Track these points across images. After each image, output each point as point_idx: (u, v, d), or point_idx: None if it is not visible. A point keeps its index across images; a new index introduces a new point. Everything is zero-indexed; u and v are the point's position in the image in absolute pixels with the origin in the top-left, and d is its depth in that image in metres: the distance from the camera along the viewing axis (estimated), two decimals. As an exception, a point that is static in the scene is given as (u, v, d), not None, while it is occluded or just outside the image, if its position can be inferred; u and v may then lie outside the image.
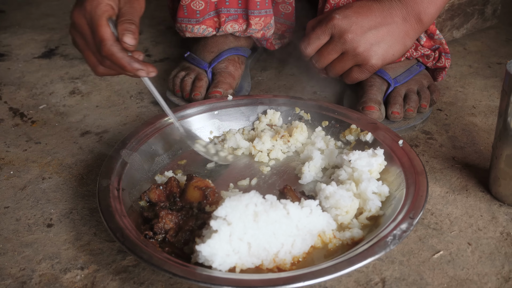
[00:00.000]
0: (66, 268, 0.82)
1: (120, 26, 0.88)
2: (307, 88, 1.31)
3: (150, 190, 0.88)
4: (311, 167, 0.96)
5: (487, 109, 1.21)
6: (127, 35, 0.88)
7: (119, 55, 0.88)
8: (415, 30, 1.07)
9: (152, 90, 0.94)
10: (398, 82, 1.16)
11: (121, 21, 0.89)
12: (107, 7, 0.88)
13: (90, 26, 0.89)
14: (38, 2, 1.89)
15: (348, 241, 0.82)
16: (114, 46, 0.87)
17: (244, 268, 0.76)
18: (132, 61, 0.88)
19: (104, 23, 0.87)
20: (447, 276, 0.79)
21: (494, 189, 0.94)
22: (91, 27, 0.89)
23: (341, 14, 1.05)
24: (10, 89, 1.33)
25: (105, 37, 0.87)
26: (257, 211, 0.77)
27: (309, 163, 0.96)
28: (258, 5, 1.16)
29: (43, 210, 0.94)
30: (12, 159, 1.07)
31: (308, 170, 0.96)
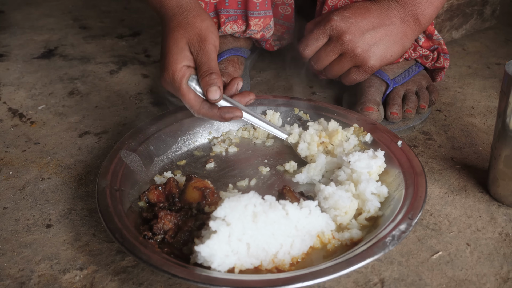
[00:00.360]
0: (65, 268, 0.82)
1: (201, 81, 0.92)
2: (306, 89, 1.31)
3: (149, 190, 0.88)
4: (311, 169, 0.96)
5: (486, 109, 1.21)
6: (211, 91, 0.91)
7: (209, 114, 0.93)
8: (413, 31, 1.07)
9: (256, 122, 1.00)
10: (397, 82, 1.16)
11: (200, 75, 0.92)
12: (182, 70, 0.92)
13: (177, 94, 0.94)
14: (37, 3, 1.89)
15: (347, 241, 0.82)
16: (202, 109, 0.93)
17: (243, 268, 0.76)
18: (223, 114, 0.92)
19: (184, 91, 0.92)
20: (446, 277, 0.80)
21: (493, 190, 0.94)
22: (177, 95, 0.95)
23: (339, 15, 1.05)
24: (9, 90, 1.33)
25: (190, 104, 0.93)
26: (256, 212, 0.77)
27: (310, 165, 0.96)
28: (257, 6, 1.16)
29: (42, 210, 0.94)
30: (11, 160, 1.07)
31: (307, 172, 0.95)
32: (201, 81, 0.92)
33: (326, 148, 1.01)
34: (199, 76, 0.93)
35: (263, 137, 1.07)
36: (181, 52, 0.94)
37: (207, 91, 0.91)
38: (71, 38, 1.61)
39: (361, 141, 1.01)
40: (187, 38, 0.95)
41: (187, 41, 0.94)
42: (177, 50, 0.94)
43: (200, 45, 0.94)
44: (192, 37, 0.95)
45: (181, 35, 0.95)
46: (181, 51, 0.94)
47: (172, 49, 0.94)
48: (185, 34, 0.95)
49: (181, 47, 0.94)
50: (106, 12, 1.81)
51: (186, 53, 0.94)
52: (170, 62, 0.93)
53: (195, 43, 0.94)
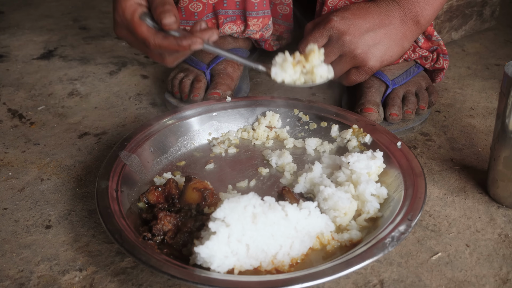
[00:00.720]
0: (65, 269, 0.82)
1: (154, 13, 0.87)
2: (305, 89, 1.31)
3: (149, 191, 0.88)
4: (308, 179, 0.94)
5: (485, 110, 1.22)
6: (163, 16, 0.85)
7: (165, 43, 0.87)
8: (412, 32, 1.07)
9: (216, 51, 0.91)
10: (396, 83, 1.16)
11: (153, 8, 0.88)
12: (134, 7, 0.88)
13: (131, 33, 0.89)
14: (37, 3, 1.89)
15: (347, 242, 0.82)
16: (157, 39, 0.87)
17: (242, 269, 0.76)
18: (180, 41, 0.86)
19: (137, 24, 0.87)
20: (445, 278, 0.80)
21: (492, 191, 0.94)
22: (132, 33, 0.89)
23: (339, 16, 1.05)
24: (9, 90, 1.33)
25: (144, 35, 0.87)
26: (255, 213, 0.77)
27: (307, 174, 0.95)
28: (256, 6, 1.16)
29: (42, 211, 0.94)
30: (10, 161, 1.07)
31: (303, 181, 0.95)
32: (154, 12, 0.87)
33: (304, 68, 0.96)
34: (152, 9, 0.87)
35: (262, 138, 1.07)
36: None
37: (161, 16, 0.85)
38: (71, 39, 1.61)
39: (361, 142, 1.01)
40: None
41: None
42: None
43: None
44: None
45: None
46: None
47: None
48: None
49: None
50: (105, 13, 1.81)
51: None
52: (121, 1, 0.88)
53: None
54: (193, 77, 1.20)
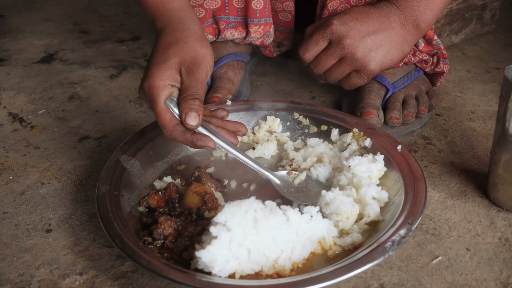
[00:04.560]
0: (65, 273, 0.82)
1: (182, 104, 0.85)
2: (305, 93, 1.32)
3: (149, 195, 0.88)
4: None
5: (485, 114, 1.22)
6: (189, 116, 0.84)
7: (181, 138, 0.86)
8: (413, 35, 1.07)
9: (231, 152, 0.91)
10: (397, 87, 1.16)
11: (183, 98, 0.85)
12: (164, 89, 0.86)
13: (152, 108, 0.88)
14: (37, 7, 1.89)
15: (349, 246, 0.82)
16: (175, 131, 0.85)
17: (243, 274, 0.76)
18: (195, 140, 0.85)
19: (161, 109, 0.85)
20: (445, 282, 0.80)
21: (493, 195, 0.94)
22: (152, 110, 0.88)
23: (339, 19, 1.05)
24: (10, 94, 1.33)
25: (163, 124, 0.86)
26: (256, 217, 0.77)
27: None
28: (257, 14, 1.16)
29: (42, 215, 0.94)
30: (11, 164, 1.07)
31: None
32: (182, 103, 0.85)
33: None
34: (181, 98, 0.85)
35: (263, 142, 1.07)
36: (169, 69, 0.87)
37: (186, 114, 0.84)
38: (71, 42, 1.61)
39: (361, 145, 1.01)
40: (181, 57, 0.88)
41: (180, 61, 0.88)
42: (165, 66, 0.87)
43: (192, 68, 0.87)
44: (186, 58, 0.88)
45: (175, 53, 0.88)
46: (168, 68, 0.87)
47: (160, 63, 0.87)
48: (179, 53, 0.88)
49: (170, 65, 0.87)
50: (106, 17, 1.81)
51: (173, 72, 0.87)
52: (154, 76, 0.86)
53: (188, 64, 0.88)
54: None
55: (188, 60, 0.88)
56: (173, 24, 0.94)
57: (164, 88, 0.86)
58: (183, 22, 0.95)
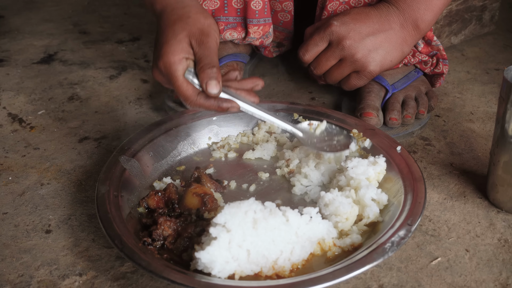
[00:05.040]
0: (65, 274, 0.82)
1: (200, 75, 0.87)
2: (305, 94, 1.32)
3: (149, 196, 0.88)
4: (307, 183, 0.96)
5: (485, 115, 1.22)
6: (210, 85, 0.86)
7: (206, 105, 0.88)
8: (412, 36, 1.07)
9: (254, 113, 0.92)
10: (396, 88, 1.16)
11: (200, 68, 0.87)
12: (180, 63, 0.87)
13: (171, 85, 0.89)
14: (37, 8, 1.89)
15: (349, 247, 0.82)
16: (199, 100, 0.87)
17: (243, 275, 0.76)
18: (220, 103, 0.88)
19: (181, 82, 0.87)
20: (445, 283, 0.80)
21: (492, 196, 0.94)
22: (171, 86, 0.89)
23: (339, 20, 1.05)
24: (9, 95, 1.33)
25: (186, 96, 0.88)
26: (256, 218, 0.77)
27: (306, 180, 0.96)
28: (257, 14, 1.16)
29: (42, 216, 0.94)
30: (10, 165, 1.07)
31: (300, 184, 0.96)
32: (200, 74, 0.87)
33: None
34: (198, 69, 0.88)
35: (262, 142, 1.07)
36: (180, 43, 0.89)
37: (207, 84, 0.86)
38: (71, 43, 1.61)
39: (360, 146, 1.01)
40: (188, 30, 0.90)
41: (188, 34, 0.90)
42: (176, 41, 0.89)
43: (202, 38, 0.90)
44: (194, 30, 0.90)
45: (182, 28, 0.90)
46: (179, 42, 0.89)
47: (170, 40, 0.89)
48: (185, 27, 0.90)
49: (180, 39, 0.89)
50: (105, 17, 1.81)
51: (185, 45, 0.89)
52: (167, 52, 0.88)
53: (197, 36, 0.90)
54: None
55: (196, 32, 0.90)
56: (172, 4, 0.95)
57: (180, 62, 0.87)
58: (181, 0, 0.96)
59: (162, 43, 0.90)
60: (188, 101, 0.89)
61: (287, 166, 1.00)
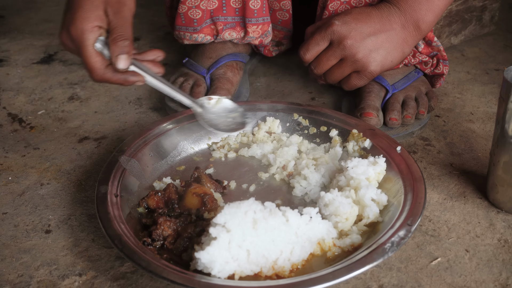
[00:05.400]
0: (64, 274, 0.82)
1: (112, 46, 0.84)
2: (305, 94, 1.32)
3: (149, 196, 0.88)
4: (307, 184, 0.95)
5: (485, 115, 1.22)
6: (120, 59, 0.84)
7: (113, 79, 0.86)
8: (413, 37, 1.07)
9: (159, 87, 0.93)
10: (396, 88, 1.16)
11: (112, 39, 0.85)
12: (92, 31, 0.84)
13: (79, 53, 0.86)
14: (37, 8, 1.89)
15: (348, 247, 0.82)
16: (106, 74, 0.85)
17: (243, 275, 0.76)
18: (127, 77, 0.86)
19: (90, 53, 0.84)
20: (445, 283, 0.80)
21: (492, 196, 0.94)
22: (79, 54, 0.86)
23: (340, 20, 1.05)
24: (9, 95, 1.33)
25: (93, 68, 0.85)
26: (256, 218, 0.77)
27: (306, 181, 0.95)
28: (255, 13, 1.16)
29: (41, 216, 0.94)
30: (10, 165, 1.07)
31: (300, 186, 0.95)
32: (112, 45, 0.84)
33: None
34: (111, 39, 0.84)
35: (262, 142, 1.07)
36: (96, 10, 0.84)
37: (117, 58, 0.83)
38: (71, 43, 1.61)
39: (360, 146, 1.01)
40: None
41: (104, 0, 0.85)
42: (91, 6, 0.84)
43: (118, 7, 0.86)
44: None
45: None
46: (95, 9, 0.84)
47: (86, 5, 0.84)
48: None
49: (96, 5, 0.84)
50: (105, 17, 1.81)
51: (100, 13, 0.85)
52: (81, 18, 0.83)
53: (113, 4, 0.85)
54: (193, 81, 1.21)
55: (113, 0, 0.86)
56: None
57: (92, 31, 0.84)
58: None
59: (76, 6, 0.85)
60: (94, 74, 0.85)
61: (284, 170, 0.99)
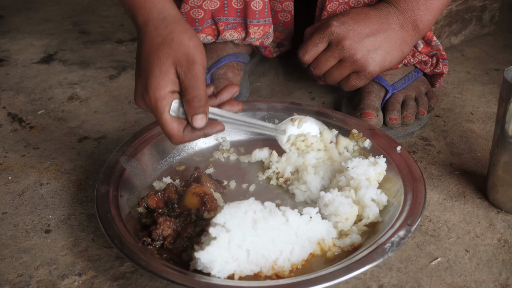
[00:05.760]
0: (64, 274, 0.82)
1: (187, 108, 0.82)
2: (305, 94, 1.32)
3: (148, 196, 0.88)
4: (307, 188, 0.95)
5: (485, 115, 1.22)
6: (196, 119, 0.82)
7: (193, 139, 0.84)
8: (412, 37, 1.07)
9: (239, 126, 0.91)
10: (396, 88, 1.16)
11: (186, 101, 0.82)
12: (166, 98, 0.82)
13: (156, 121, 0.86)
14: (37, 7, 1.89)
15: (348, 247, 0.82)
16: (185, 137, 0.84)
17: (242, 275, 0.76)
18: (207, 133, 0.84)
19: (167, 120, 0.82)
20: (444, 283, 0.80)
21: (492, 196, 0.94)
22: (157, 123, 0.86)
23: (338, 21, 1.05)
24: (9, 94, 1.33)
25: (172, 134, 0.83)
26: (256, 218, 0.77)
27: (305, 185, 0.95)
28: (257, 14, 1.16)
29: (41, 215, 0.94)
30: (10, 165, 1.07)
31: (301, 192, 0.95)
32: (187, 106, 0.82)
33: None
34: (185, 100, 0.83)
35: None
36: (166, 75, 0.83)
37: (193, 118, 0.82)
38: (71, 43, 1.61)
39: (360, 146, 1.01)
40: (173, 58, 0.84)
41: (173, 62, 0.84)
42: (162, 73, 0.83)
43: (188, 66, 0.84)
44: (179, 57, 0.84)
45: (167, 55, 0.84)
46: (165, 74, 0.83)
47: (156, 71, 0.84)
48: (171, 53, 0.84)
49: (166, 70, 0.84)
50: (105, 17, 1.81)
51: (171, 77, 0.84)
52: (153, 86, 0.83)
53: (183, 64, 0.84)
54: (193, 81, 1.20)
55: (182, 58, 0.85)
56: (155, 21, 0.89)
57: (166, 97, 0.83)
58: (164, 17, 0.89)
59: (147, 73, 0.85)
60: (173, 139, 0.84)
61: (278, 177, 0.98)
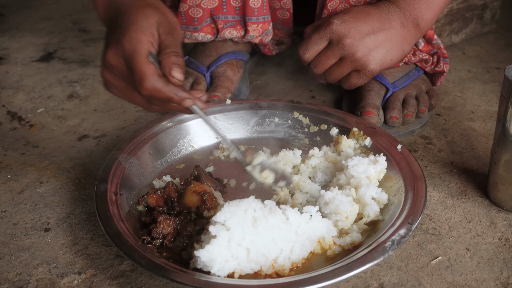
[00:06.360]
0: (63, 272, 0.82)
1: (166, 59, 0.82)
2: (305, 92, 1.31)
3: (148, 194, 0.88)
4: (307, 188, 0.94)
5: (485, 114, 1.21)
6: (176, 69, 0.81)
7: (165, 89, 0.82)
8: (413, 35, 1.07)
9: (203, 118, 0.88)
10: (397, 87, 1.16)
11: (166, 53, 0.83)
12: (147, 43, 0.82)
13: (129, 66, 0.82)
14: (37, 6, 1.89)
15: (349, 246, 0.82)
16: (159, 82, 0.81)
17: (242, 273, 0.76)
18: (179, 91, 0.82)
19: (145, 60, 0.81)
20: (445, 282, 0.79)
21: (493, 195, 0.94)
22: (130, 67, 0.82)
23: (339, 19, 1.05)
24: (8, 93, 1.33)
25: (146, 74, 0.81)
26: (256, 217, 0.77)
27: None
28: (255, 12, 1.16)
29: (41, 214, 0.93)
30: (9, 163, 1.07)
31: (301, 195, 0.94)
32: (165, 59, 0.82)
33: None
34: (164, 54, 0.82)
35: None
36: (150, 27, 0.83)
37: (171, 69, 0.81)
38: (71, 41, 1.61)
39: (361, 144, 1.01)
40: (158, 17, 0.85)
41: (158, 21, 0.84)
42: (146, 23, 0.83)
43: (170, 29, 0.85)
44: (163, 21, 0.85)
45: (153, 13, 0.85)
46: (150, 26, 0.83)
47: (141, 21, 0.83)
48: (156, 14, 0.85)
49: (151, 23, 0.84)
50: (105, 15, 1.81)
51: (154, 31, 0.84)
52: (136, 30, 0.82)
53: (165, 26, 0.85)
54: (193, 79, 1.20)
55: (165, 23, 0.86)
56: None
57: (145, 43, 0.82)
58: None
59: (129, 22, 0.84)
60: (146, 80, 0.81)
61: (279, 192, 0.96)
